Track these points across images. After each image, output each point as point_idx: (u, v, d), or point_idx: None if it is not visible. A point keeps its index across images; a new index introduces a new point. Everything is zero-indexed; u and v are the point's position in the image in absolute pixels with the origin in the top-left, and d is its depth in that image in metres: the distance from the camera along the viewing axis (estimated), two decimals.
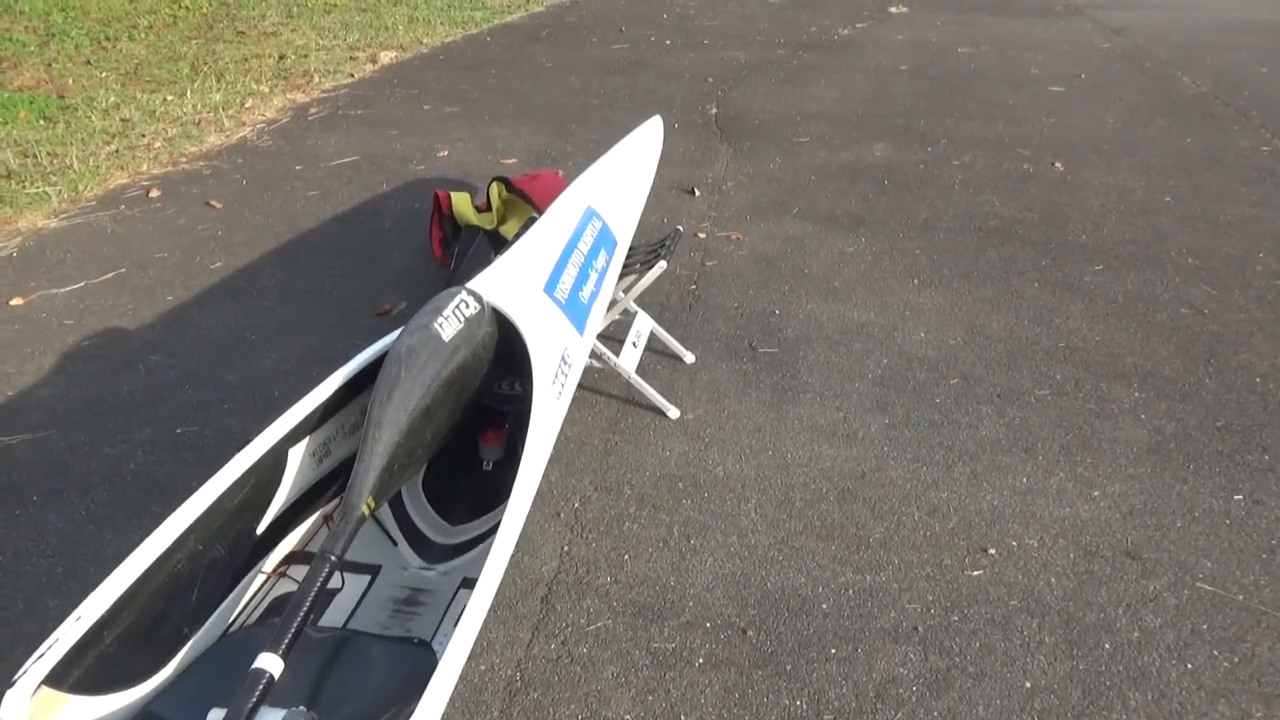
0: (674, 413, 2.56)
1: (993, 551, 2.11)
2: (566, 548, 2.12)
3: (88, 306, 3.19)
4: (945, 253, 3.59)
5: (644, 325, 2.75)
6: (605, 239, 2.35)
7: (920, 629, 1.91)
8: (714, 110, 5.51)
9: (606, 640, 1.89)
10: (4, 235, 3.74)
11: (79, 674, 1.12)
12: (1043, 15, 8.78)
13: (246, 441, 1.51)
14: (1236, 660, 1.83)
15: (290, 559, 1.53)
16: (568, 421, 2.55)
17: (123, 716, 1.16)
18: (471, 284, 1.81)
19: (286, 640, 1.18)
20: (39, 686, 1.07)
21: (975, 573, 2.05)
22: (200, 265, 3.49)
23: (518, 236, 2.26)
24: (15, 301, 3.22)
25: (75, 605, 1.21)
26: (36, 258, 3.55)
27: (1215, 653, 1.85)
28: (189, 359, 2.87)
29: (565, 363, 1.80)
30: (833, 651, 1.86)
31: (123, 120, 5.12)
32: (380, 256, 3.57)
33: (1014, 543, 2.14)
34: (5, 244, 3.66)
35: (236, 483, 1.40)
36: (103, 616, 1.16)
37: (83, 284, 3.34)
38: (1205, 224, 3.86)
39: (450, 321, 1.65)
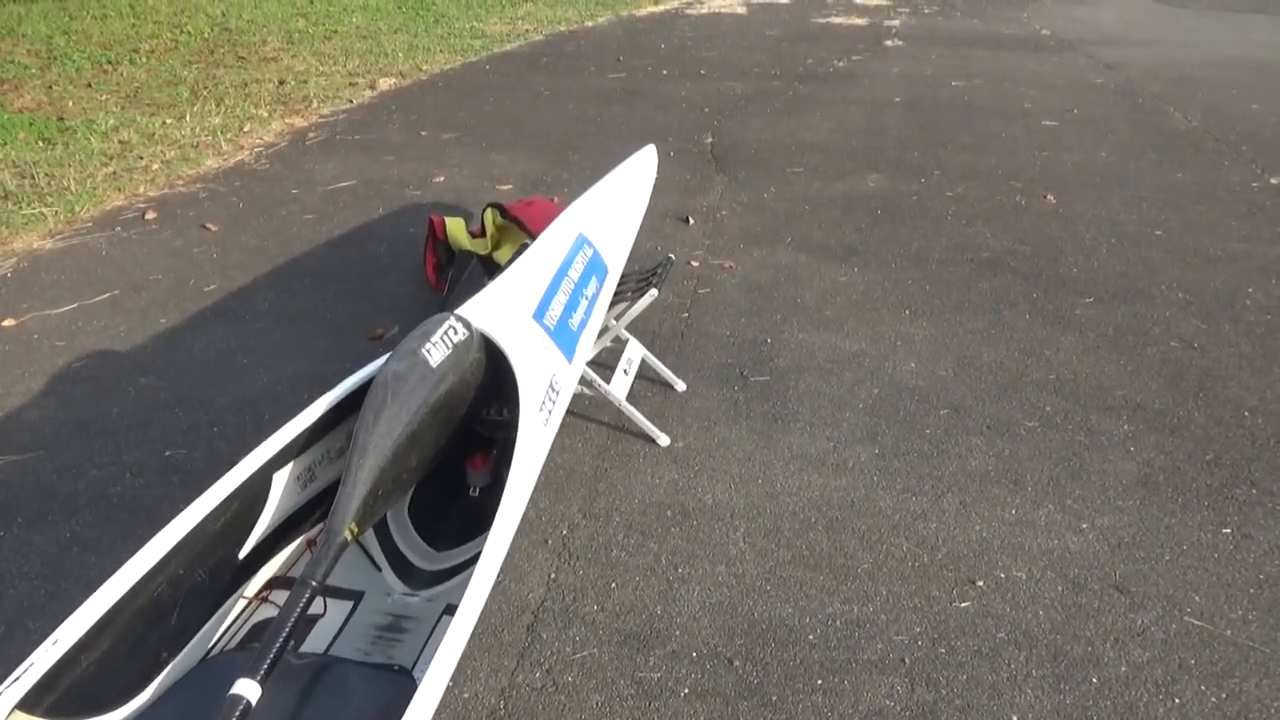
0: (664, 440, 2.56)
1: (981, 583, 2.10)
2: (554, 575, 2.11)
3: (80, 328, 3.19)
4: (937, 284, 3.61)
5: (635, 352, 2.76)
6: (596, 266, 2.36)
7: (907, 661, 1.89)
8: (709, 139, 5.56)
9: (592, 669, 1.87)
10: None
11: (54, 699, 1.11)
12: (1036, 50, 8.89)
13: (235, 465, 1.51)
14: (1224, 696, 1.82)
15: (272, 584, 1.52)
16: (557, 448, 2.54)
17: None
18: (460, 310, 1.82)
19: (265, 666, 1.17)
20: (12, 711, 1.06)
21: (963, 604, 2.04)
22: (194, 288, 3.49)
23: (510, 262, 2.27)
24: (7, 322, 3.22)
25: (56, 628, 1.20)
26: (31, 278, 3.56)
27: (1203, 688, 1.84)
28: (180, 381, 2.87)
29: (553, 390, 1.80)
30: (819, 682, 1.85)
31: (121, 143, 5.15)
32: (374, 281, 3.58)
33: (1002, 574, 2.13)
34: (0, 265, 3.67)
35: (219, 507, 1.39)
36: (80, 640, 1.15)
37: (76, 305, 3.35)
38: (1196, 258, 3.89)
39: (438, 347, 1.65)
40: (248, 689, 1.14)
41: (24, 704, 1.07)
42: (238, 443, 2.57)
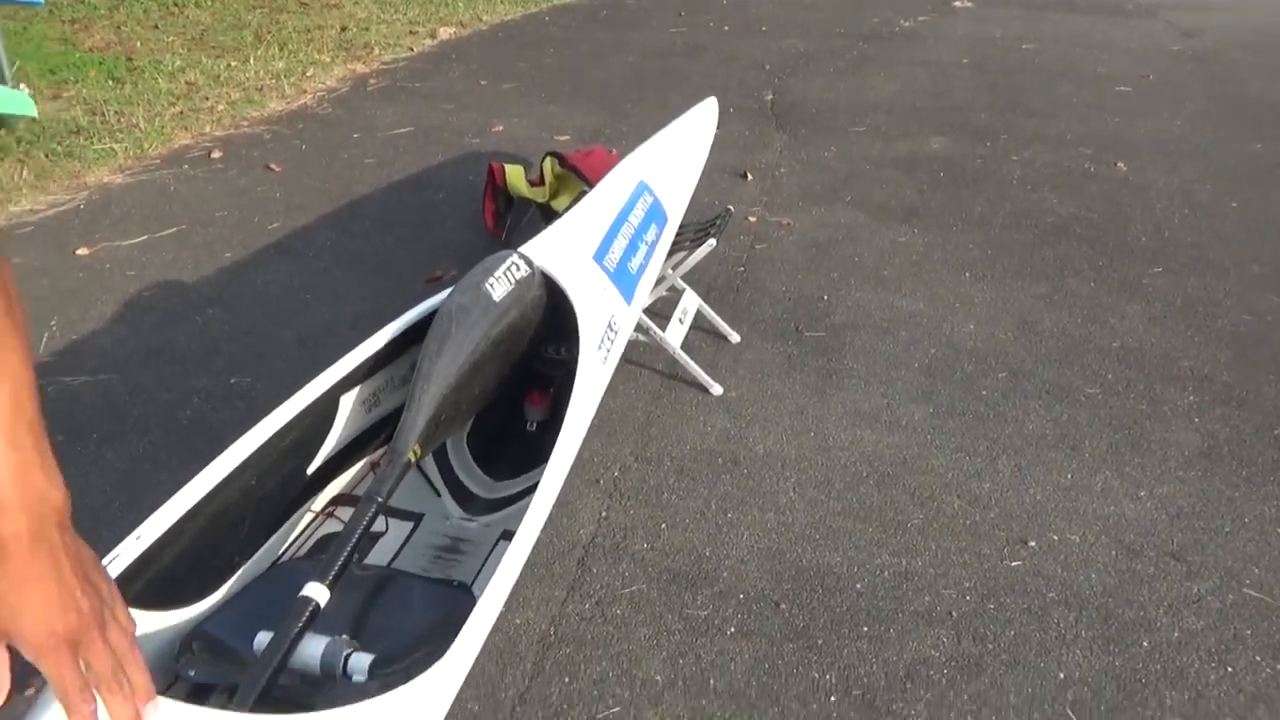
0: (717, 390, 2.57)
1: (1033, 544, 2.09)
2: (604, 514, 2.15)
3: (149, 260, 3.27)
4: (999, 248, 3.55)
5: (691, 302, 2.76)
6: (656, 213, 2.35)
7: (955, 614, 1.90)
8: (770, 97, 5.48)
9: (640, 604, 1.91)
10: (72, 188, 3.85)
11: (136, 589, 1.16)
12: (1112, 14, 8.57)
13: (303, 387, 1.55)
14: None
15: (337, 501, 1.57)
16: (610, 393, 2.57)
17: (176, 633, 1.20)
18: (523, 248, 1.84)
19: (334, 572, 1.21)
20: None
21: (1014, 563, 2.03)
22: (258, 225, 3.56)
23: (568, 210, 2.28)
24: (81, 251, 3.32)
25: (140, 524, 1.25)
26: (102, 211, 3.65)
27: (1257, 658, 1.82)
28: (244, 314, 2.94)
29: (611, 330, 1.81)
30: (865, 629, 1.86)
31: (188, 84, 5.23)
32: (433, 225, 3.61)
33: (1055, 537, 2.11)
34: (73, 196, 3.78)
35: (289, 424, 1.44)
36: (161, 538, 1.20)
37: (145, 238, 3.44)
38: (1272, 230, 3.76)
39: (501, 283, 1.67)
40: (317, 592, 1.18)
41: None
42: (300, 374, 2.59)
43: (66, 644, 0.75)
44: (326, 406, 1.52)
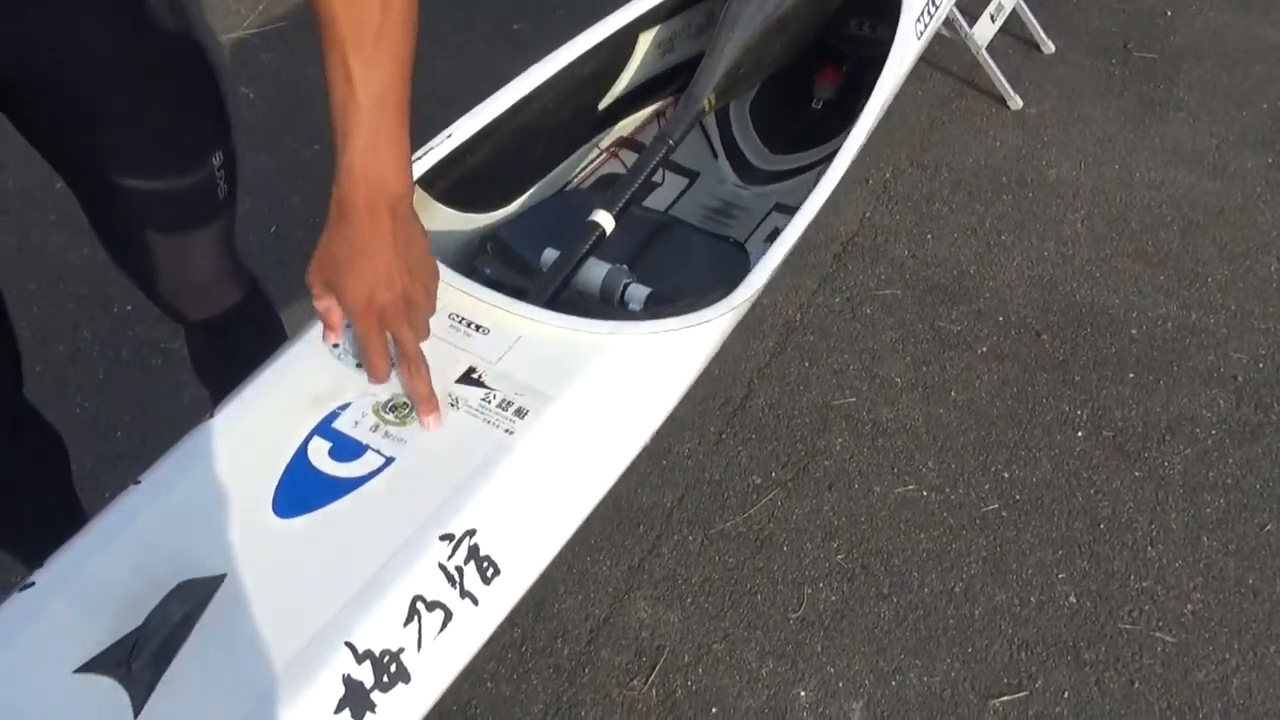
0: (1016, 103, 2.31)
1: None
2: (868, 214, 2.06)
3: None
4: None
5: None
6: None
7: (1240, 379, 1.73)
8: None
9: (892, 307, 1.87)
10: None
11: (443, 185, 1.24)
12: None
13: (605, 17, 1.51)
14: None
15: (620, 143, 1.58)
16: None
17: (474, 234, 1.29)
18: None
19: (620, 204, 1.24)
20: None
21: None
22: None
23: None
24: None
25: (450, 125, 1.31)
26: None
27: None
28: None
29: (934, 3, 1.62)
30: (1131, 376, 1.74)
31: None
32: None
33: None
34: None
35: (588, 53, 1.42)
36: (467, 141, 1.26)
37: None
38: None
39: None
40: (604, 219, 1.22)
41: (420, 181, 1.20)
42: (580, 28, 2.59)
43: (376, 315, 0.83)
44: (625, 40, 1.49)
